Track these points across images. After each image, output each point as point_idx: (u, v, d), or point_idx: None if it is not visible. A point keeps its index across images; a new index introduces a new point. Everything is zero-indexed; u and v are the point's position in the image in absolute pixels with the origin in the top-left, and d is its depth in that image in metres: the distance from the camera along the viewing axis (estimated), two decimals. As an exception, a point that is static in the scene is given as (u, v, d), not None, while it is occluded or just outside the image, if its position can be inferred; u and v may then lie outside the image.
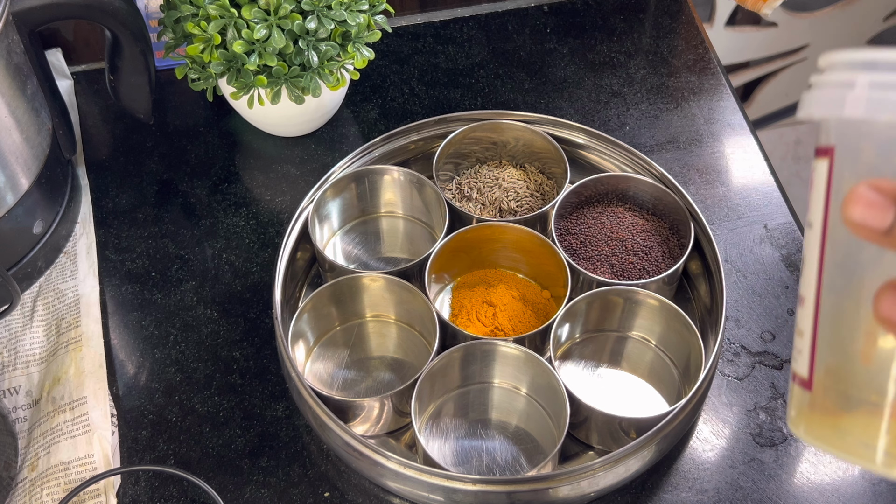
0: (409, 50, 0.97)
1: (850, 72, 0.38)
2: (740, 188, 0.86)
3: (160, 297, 0.80)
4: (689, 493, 0.70)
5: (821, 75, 0.40)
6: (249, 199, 0.86)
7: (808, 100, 0.41)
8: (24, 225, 0.78)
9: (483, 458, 0.70)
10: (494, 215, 0.80)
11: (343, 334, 0.77)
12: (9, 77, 0.72)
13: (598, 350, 0.75)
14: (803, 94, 0.41)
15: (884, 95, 0.37)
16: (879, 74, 0.38)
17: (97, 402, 0.73)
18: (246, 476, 0.71)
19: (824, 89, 0.39)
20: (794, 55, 1.66)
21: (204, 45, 0.77)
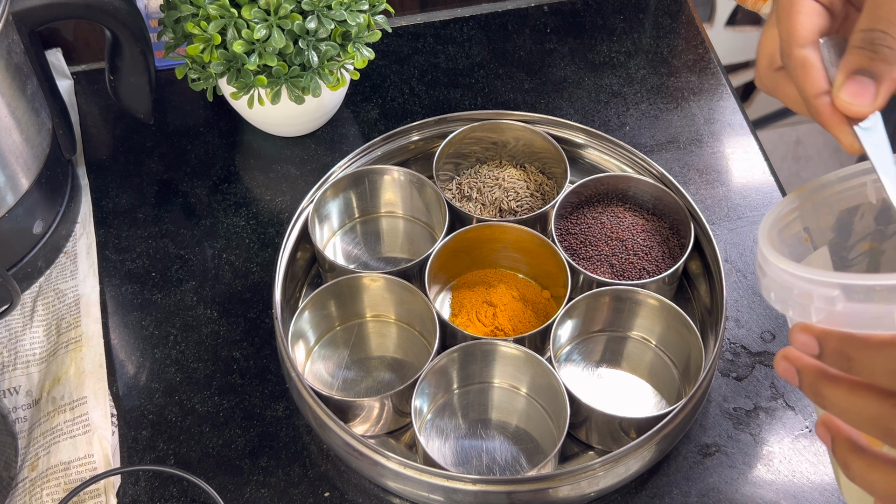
0: (409, 50, 0.97)
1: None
2: (740, 188, 0.86)
3: (160, 297, 0.80)
4: (689, 493, 0.70)
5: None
6: (249, 199, 0.86)
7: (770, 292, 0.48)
8: (24, 225, 0.78)
9: (483, 458, 0.70)
10: (494, 215, 0.80)
11: (343, 334, 0.77)
12: (9, 77, 0.72)
13: (598, 350, 0.75)
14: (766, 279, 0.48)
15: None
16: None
17: (97, 402, 0.73)
18: (246, 476, 0.71)
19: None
20: (794, 55, 1.66)
21: (204, 45, 0.77)
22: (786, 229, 0.54)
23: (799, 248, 0.56)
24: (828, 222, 0.56)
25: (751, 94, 1.71)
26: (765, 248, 0.48)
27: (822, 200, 0.55)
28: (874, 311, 0.42)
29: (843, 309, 0.43)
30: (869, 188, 0.53)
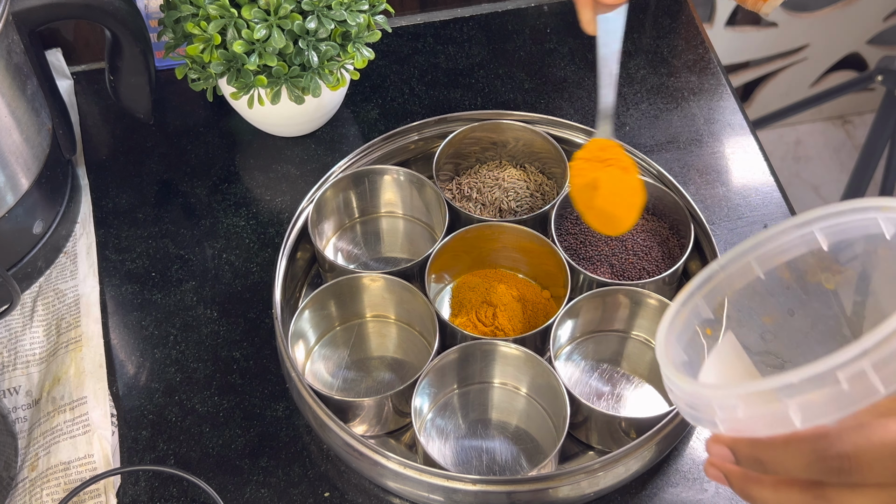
0: (409, 50, 0.97)
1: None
2: (740, 188, 0.87)
3: (160, 297, 0.80)
4: (689, 493, 0.70)
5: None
6: (249, 199, 0.86)
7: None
8: (24, 225, 0.78)
9: (483, 458, 0.70)
10: (494, 215, 0.80)
11: (343, 334, 0.77)
12: (9, 77, 0.72)
13: (598, 350, 0.75)
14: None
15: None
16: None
17: (97, 402, 0.73)
18: (246, 476, 0.71)
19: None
20: (794, 55, 1.66)
21: (204, 45, 0.77)
22: (684, 331, 0.57)
23: (702, 343, 0.58)
24: (723, 309, 0.58)
25: (751, 94, 1.71)
26: (663, 365, 0.51)
27: (712, 290, 0.57)
28: (772, 412, 0.44)
29: (743, 415, 0.45)
30: (753, 265, 0.56)
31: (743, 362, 0.59)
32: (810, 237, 0.54)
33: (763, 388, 0.45)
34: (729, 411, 0.46)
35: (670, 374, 0.50)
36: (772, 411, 0.44)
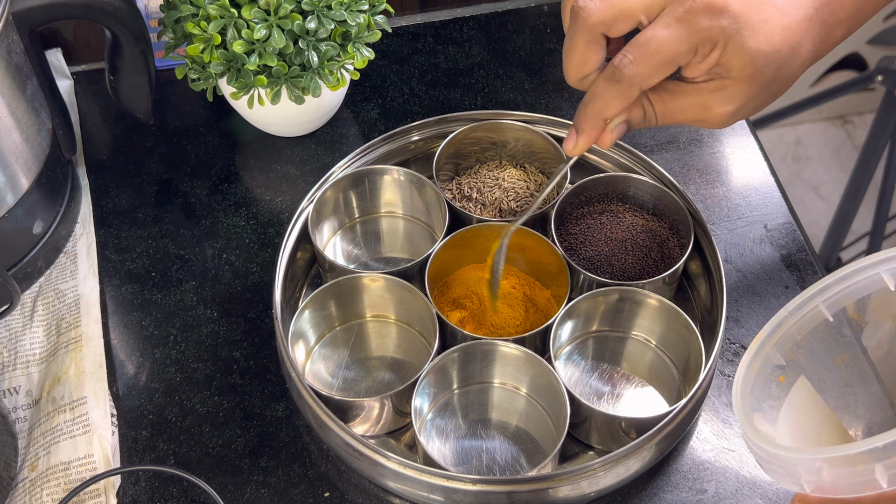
0: (409, 50, 0.97)
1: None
2: (740, 188, 0.87)
3: (160, 297, 0.80)
4: (689, 493, 0.70)
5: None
6: (249, 199, 0.86)
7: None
8: (24, 225, 0.78)
9: (483, 458, 0.70)
10: (494, 215, 0.80)
11: (343, 334, 0.77)
12: (9, 77, 0.72)
13: (598, 350, 0.75)
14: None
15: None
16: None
17: (97, 402, 0.73)
18: (246, 476, 0.71)
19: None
20: (794, 55, 1.66)
21: (204, 45, 0.77)
22: (757, 383, 0.57)
23: (778, 390, 0.59)
24: (795, 354, 0.59)
25: (751, 94, 1.71)
26: (744, 426, 0.52)
27: (782, 338, 0.58)
28: (858, 474, 0.45)
29: (829, 477, 0.46)
30: (822, 308, 0.57)
31: (818, 406, 0.59)
32: (877, 278, 0.55)
33: (848, 452, 0.45)
34: (814, 474, 0.47)
35: (752, 437, 0.51)
36: (858, 473, 0.45)
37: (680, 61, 0.58)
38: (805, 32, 0.59)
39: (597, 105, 0.60)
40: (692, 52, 0.57)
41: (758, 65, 0.58)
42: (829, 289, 0.57)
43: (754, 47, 0.57)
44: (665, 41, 0.56)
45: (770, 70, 0.59)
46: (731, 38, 0.56)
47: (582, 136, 0.62)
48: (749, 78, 0.59)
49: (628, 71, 0.57)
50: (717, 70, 0.59)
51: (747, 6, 0.56)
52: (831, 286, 0.56)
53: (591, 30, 0.59)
